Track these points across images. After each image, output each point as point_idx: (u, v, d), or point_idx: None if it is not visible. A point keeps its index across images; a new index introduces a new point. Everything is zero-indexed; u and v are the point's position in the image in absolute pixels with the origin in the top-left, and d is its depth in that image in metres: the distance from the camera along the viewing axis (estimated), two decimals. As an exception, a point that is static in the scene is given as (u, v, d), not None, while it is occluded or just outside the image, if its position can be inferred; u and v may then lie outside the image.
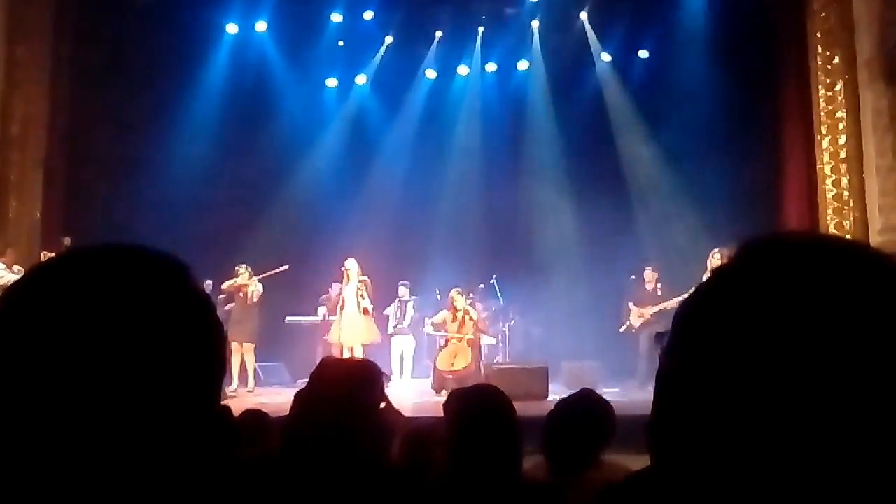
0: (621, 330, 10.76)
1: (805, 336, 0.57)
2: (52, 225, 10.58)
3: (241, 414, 3.62)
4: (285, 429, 2.25)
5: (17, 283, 0.71)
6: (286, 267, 10.76)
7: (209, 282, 10.31)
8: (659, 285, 10.59)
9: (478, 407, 2.42)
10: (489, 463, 2.26)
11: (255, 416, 3.42)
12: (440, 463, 2.45)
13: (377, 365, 2.62)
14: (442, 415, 2.52)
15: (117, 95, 11.19)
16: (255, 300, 10.62)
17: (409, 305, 11.35)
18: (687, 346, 0.63)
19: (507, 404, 2.43)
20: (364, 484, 2.06)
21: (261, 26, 12.80)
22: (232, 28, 12.73)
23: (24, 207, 10.28)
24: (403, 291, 11.40)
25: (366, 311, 10.67)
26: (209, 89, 12.46)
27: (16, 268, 8.91)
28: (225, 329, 0.79)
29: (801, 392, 0.56)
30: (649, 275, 10.69)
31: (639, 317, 10.61)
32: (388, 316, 11.27)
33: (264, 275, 10.71)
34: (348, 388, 2.22)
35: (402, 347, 11.18)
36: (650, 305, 10.54)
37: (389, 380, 3.25)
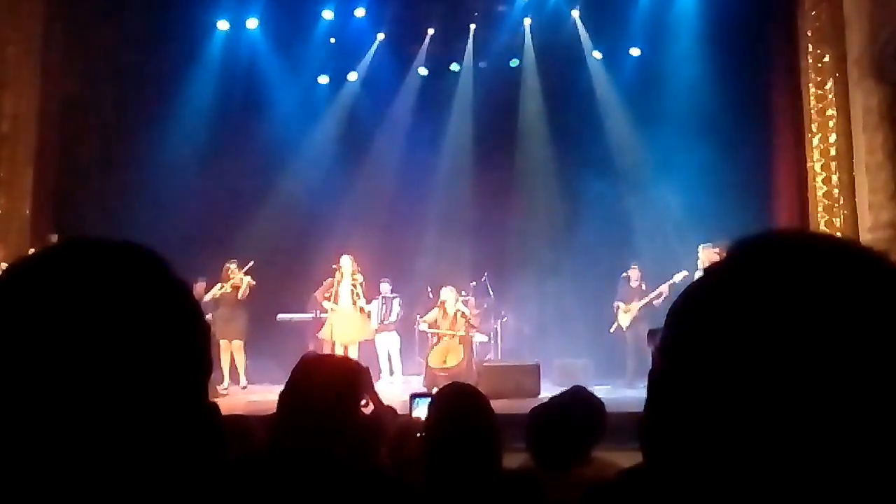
0: (611, 331, 10.84)
1: (798, 334, 0.57)
2: (42, 222, 10.54)
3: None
4: (271, 428, 2.24)
5: None
6: (251, 263, 10.72)
7: (203, 283, 10.28)
8: (643, 283, 10.71)
9: (450, 405, 2.43)
10: (464, 458, 2.27)
11: (234, 420, 3.39)
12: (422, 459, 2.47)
13: (359, 362, 2.61)
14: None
15: (108, 93, 11.15)
16: (246, 294, 10.58)
17: (395, 302, 11.34)
18: (680, 344, 0.63)
19: (482, 401, 2.44)
20: (347, 483, 2.06)
21: (252, 23, 12.76)
22: (223, 25, 12.69)
23: (13, 205, 10.24)
24: (385, 288, 11.39)
25: (361, 310, 10.67)
26: (200, 87, 12.41)
27: (5, 265, 8.87)
28: (210, 324, 0.77)
29: (795, 390, 0.56)
30: (634, 273, 10.83)
31: (625, 312, 10.71)
32: (372, 313, 11.25)
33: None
34: (329, 386, 2.22)
35: (388, 345, 11.18)
36: (636, 301, 10.67)
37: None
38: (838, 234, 8.75)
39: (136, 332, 0.67)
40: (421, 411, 3.34)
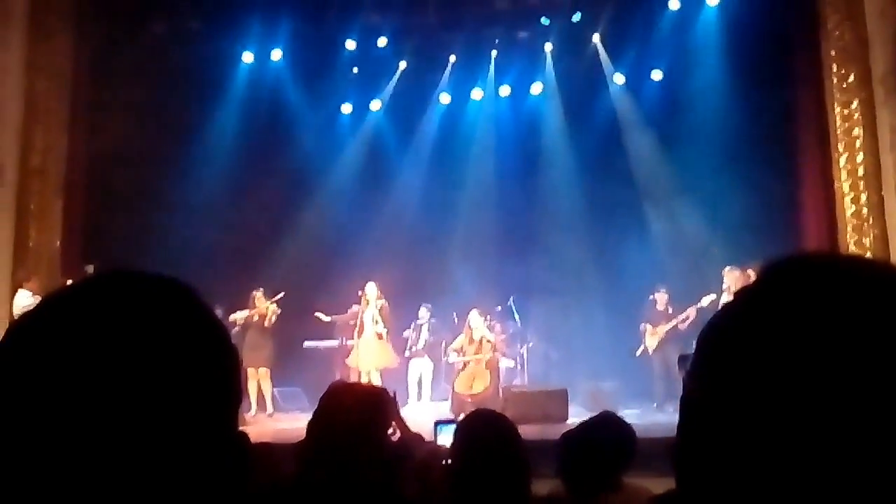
0: (637, 354, 10.75)
1: (834, 359, 0.56)
2: (72, 254, 10.68)
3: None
4: (299, 456, 2.24)
5: (27, 312, 0.71)
6: (282, 294, 10.81)
7: (219, 309, 10.36)
8: (670, 306, 10.62)
9: (476, 432, 2.42)
10: (491, 485, 2.25)
11: (262, 448, 3.40)
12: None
13: (386, 390, 2.60)
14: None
15: (135, 125, 11.31)
16: (272, 322, 10.66)
17: (424, 328, 11.33)
18: (711, 369, 0.63)
19: (508, 426, 2.42)
20: None
21: (276, 55, 12.92)
22: (248, 57, 12.86)
23: (43, 236, 10.38)
24: (423, 313, 11.38)
25: (380, 336, 10.68)
26: (226, 118, 12.57)
27: (38, 297, 8.98)
28: (239, 354, 0.78)
29: (832, 416, 0.55)
30: (660, 297, 10.73)
31: (652, 335, 10.62)
32: (407, 339, 11.26)
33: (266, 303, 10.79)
34: (357, 415, 2.22)
35: (420, 370, 11.16)
36: (663, 324, 10.58)
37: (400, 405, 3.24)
38: (869, 255, 8.65)
39: (169, 363, 0.68)
40: (445, 438, 3.33)
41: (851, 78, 10.03)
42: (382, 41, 12.92)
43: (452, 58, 13.26)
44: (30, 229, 10.26)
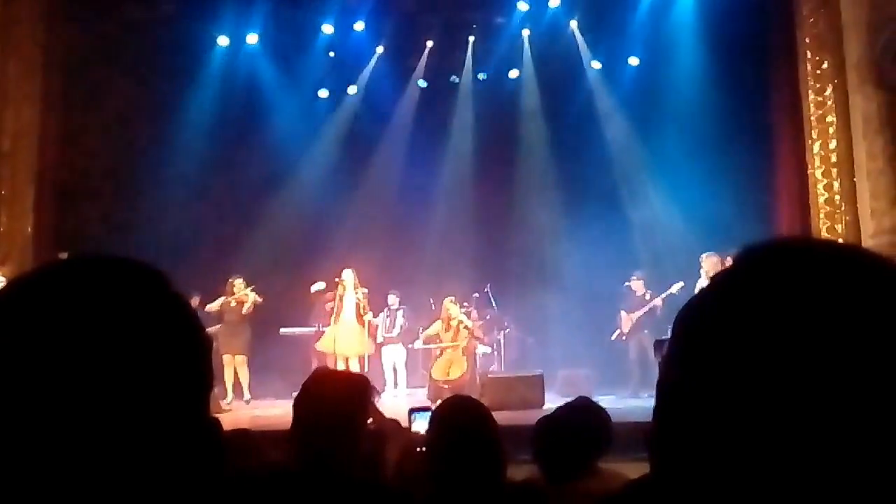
0: (612, 338, 10.79)
1: (810, 343, 0.56)
2: (45, 240, 10.55)
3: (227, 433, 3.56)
4: (289, 442, 2.25)
5: None
6: (252, 287, 10.74)
7: (197, 298, 10.28)
8: (648, 292, 10.66)
9: (451, 418, 2.43)
10: (467, 471, 2.26)
11: (238, 434, 3.38)
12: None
13: (366, 377, 2.61)
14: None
15: (109, 109, 11.18)
16: (250, 310, 10.59)
17: (399, 314, 11.32)
18: (687, 354, 0.62)
19: (483, 413, 2.43)
20: (357, 498, 2.05)
21: (252, 38, 12.81)
22: (223, 41, 12.74)
23: (15, 222, 10.25)
24: (393, 300, 11.37)
25: (369, 324, 10.69)
26: (201, 102, 12.44)
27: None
28: (213, 340, 0.77)
29: (808, 399, 0.55)
30: (636, 284, 10.76)
31: (627, 321, 10.67)
32: (378, 325, 11.25)
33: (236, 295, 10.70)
34: (342, 401, 2.22)
35: (394, 358, 11.16)
36: (638, 311, 10.63)
37: (380, 394, 3.25)
38: (841, 241, 8.73)
39: (136, 347, 0.67)
40: (420, 425, 3.33)
41: (825, 65, 10.11)
42: (359, 25, 12.84)
43: (430, 43, 13.21)
44: (1, 215, 10.12)
